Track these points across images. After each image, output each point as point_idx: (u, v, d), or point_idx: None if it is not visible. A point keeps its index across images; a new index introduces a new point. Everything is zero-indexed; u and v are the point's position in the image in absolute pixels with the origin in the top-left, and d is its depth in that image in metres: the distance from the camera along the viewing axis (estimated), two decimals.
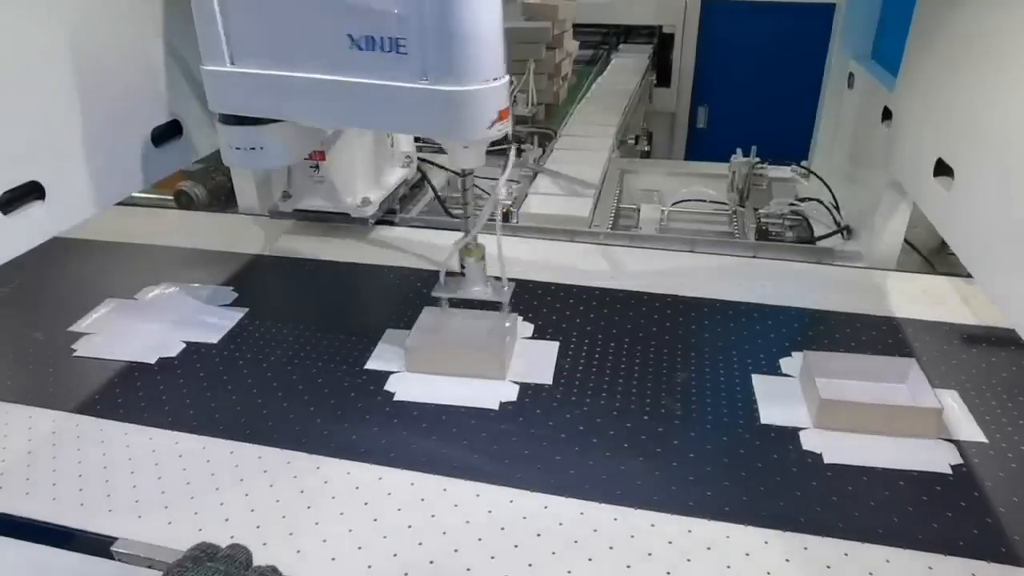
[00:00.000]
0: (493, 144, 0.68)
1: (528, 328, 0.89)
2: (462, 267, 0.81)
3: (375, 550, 0.59)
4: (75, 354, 0.85)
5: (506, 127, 0.64)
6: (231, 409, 0.76)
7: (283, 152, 0.77)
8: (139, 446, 0.71)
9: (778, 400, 0.76)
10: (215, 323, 0.91)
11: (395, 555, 0.59)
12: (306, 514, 0.63)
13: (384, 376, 0.80)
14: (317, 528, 0.61)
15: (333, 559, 0.58)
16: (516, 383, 0.78)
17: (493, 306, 0.83)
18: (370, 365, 0.82)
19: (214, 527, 0.61)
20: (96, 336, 0.89)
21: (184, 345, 0.86)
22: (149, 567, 0.57)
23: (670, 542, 0.59)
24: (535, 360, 0.82)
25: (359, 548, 0.59)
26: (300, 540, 0.60)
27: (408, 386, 0.78)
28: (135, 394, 0.78)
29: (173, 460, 0.69)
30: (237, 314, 0.93)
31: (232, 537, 0.60)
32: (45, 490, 0.66)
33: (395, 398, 0.76)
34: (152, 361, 0.84)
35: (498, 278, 0.81)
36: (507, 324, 0.83)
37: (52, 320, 0.92)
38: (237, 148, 0.76)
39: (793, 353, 0.83)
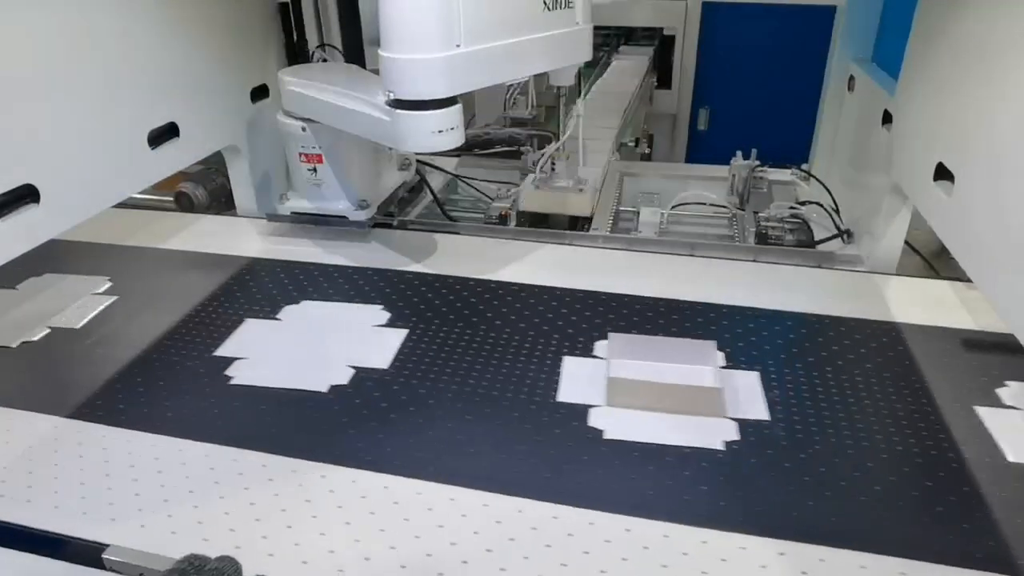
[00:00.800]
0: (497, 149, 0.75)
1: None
2: (553, 165, 1.14)
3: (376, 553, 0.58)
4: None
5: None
6: (227, 414, 0.75)
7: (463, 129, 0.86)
8: (141, 453, 0.70)
9: (582, 380, 0.79)
10: (212, 326, 0.90)
11: (403, 567, 0.58)
12: (304, 519, 0.62)
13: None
14: (320, 536, 0.61)
15: (304, 562, 0.58)
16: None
17: (494, 311, 0.83)
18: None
19: (216, 534, 0.61)
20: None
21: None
22: (140, 575, 0.57)
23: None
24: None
25: (330, 552, 0.59)
26: (274, 542, 0.60)
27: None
28: (131, 398, 0.78)
29: (175, 467, 0.68)
30: (233, 316, 0.92)
31: (234, 542, 0.59)
32: (47, 497, 0.65)
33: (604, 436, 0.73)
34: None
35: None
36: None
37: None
38: (440, 131, 0.81)
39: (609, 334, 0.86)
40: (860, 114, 1.15)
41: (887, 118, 1.01)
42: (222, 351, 0.85)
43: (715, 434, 0.71)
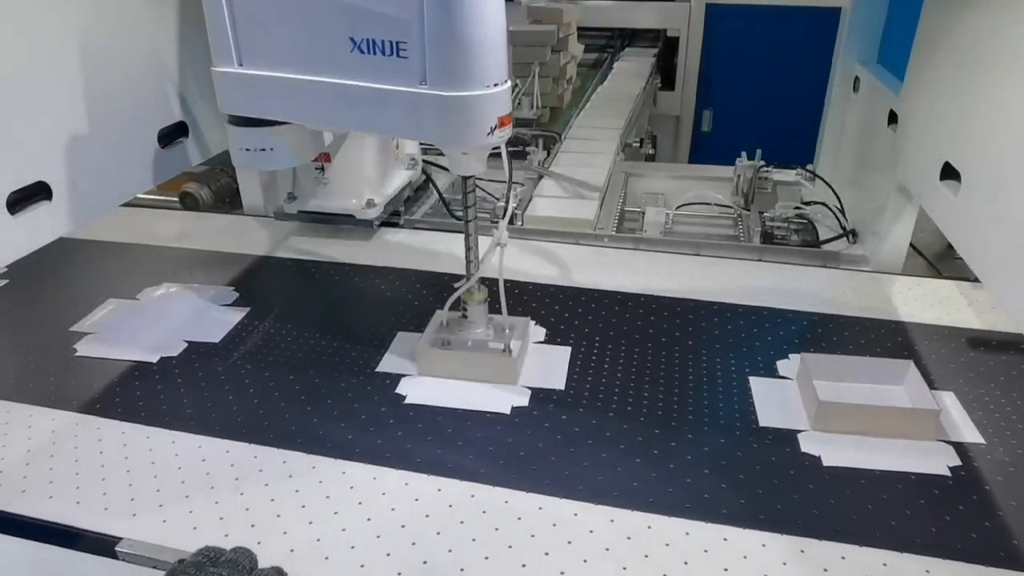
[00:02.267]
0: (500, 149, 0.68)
1: (541, 332, 0.88)
2: (464, 309, 0.80)
3: (368, 549, 0.59)
4: (77, 354, 0.85)
5: (507, 134, 0.64)
6: (230, 409, 0.76)
7: (291, 153, 0.78)
8: (136, 445, 0.71)
9: (776, 402, 0.76)
10: (217, 323, 0.91)
11: (388, 555, 0.58)
12: (300, 513, 0.62)
13: (396, 379, 0.80)
14: (311, 527, 0.61)
15: (327, 558, 0.58)
16: (528, 388, 0.78)
17: (510, 310, 0.83)
18: (381, 367, 0.82)
19: (213, 527, 0.61)
20: (98, 336, 0.89)
21: (186, 344, 0.87)
22: (153, 567, 0.57)
23: (667, 544, 0.59)
24: (547, 364, 0.82)
25: (351, 547, 0.59)
26: (293, 538, 0.60)
27: (420, 389, 0.78)
28: (135, 393, 0.78)
29: (171, 459, 0.69)
30: (239, 314, 0.93)
31: (227, 535, 0.60)
32: (41, 488, 0.66)
33: (406, 400, 0.76)
34: (154, 360, 0.84)
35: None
36: (520, 329, 0.83)
37: (54, 319, 0.92)
38: (247, 149, 0.77)
39: (791, 355, 0.83)
40: (865, 115, 1.15)
41: (892, 118, 1.02)
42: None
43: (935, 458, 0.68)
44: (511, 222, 1.18)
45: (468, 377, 0.79)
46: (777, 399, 0.76)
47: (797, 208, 1.24)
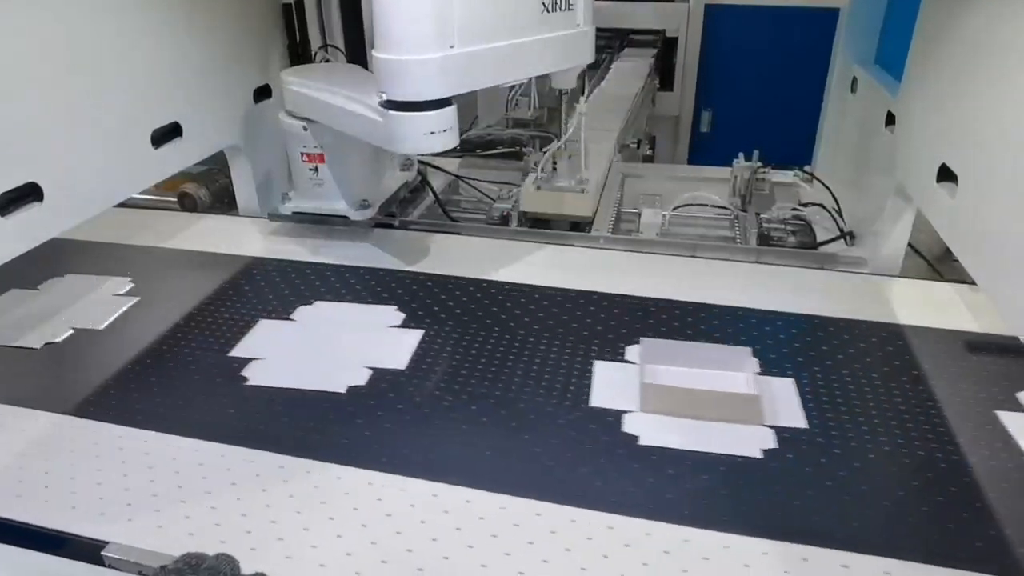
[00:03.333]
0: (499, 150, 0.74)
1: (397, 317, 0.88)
2: (554, 164, 1.12)
3: (359, 552, 0.58)
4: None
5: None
6: (221, 411, 0.75)
7: (458, 131, 0.84)
8: (132, 449, 0.70)
9: (615, 385, 0.77)
10: (215, 324, 0.90)
11: (384, 561, 0.58)
12: (295, 519, 0.62)
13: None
14: (304, 531, 0.61)
15: (288, 557, 0.58)
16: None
17: (491, 314, 0.82)
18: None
19: (206, 530, 0.61)
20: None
21: (371, 372, 0.83)
22: (139, 573, 0.57)
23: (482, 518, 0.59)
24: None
25: (347, 554, 0.59)
26: (289, 543, 0.60)
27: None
28: (128, 396, 0.78)
29: (166, 463, 0.68)
30: (228, 314, 0.92)
31: (223, 543, 0.59)
32: (38, 492, 0.65)
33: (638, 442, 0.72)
34: (342, 391, 0.79)
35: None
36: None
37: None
38: (432, 132, 0.80)
39: (641, 339, 0.85)
40: (863, 116, 1.14)
41: (890, 120, 1.01)
42: (237, 351, 0.85)
43: (754, 442, 0.70)
44: (505, 223, 1.18)
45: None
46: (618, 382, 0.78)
47: (794, 209, 1.23)
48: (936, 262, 1.08)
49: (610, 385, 0.78)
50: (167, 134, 0.99)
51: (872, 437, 0.71)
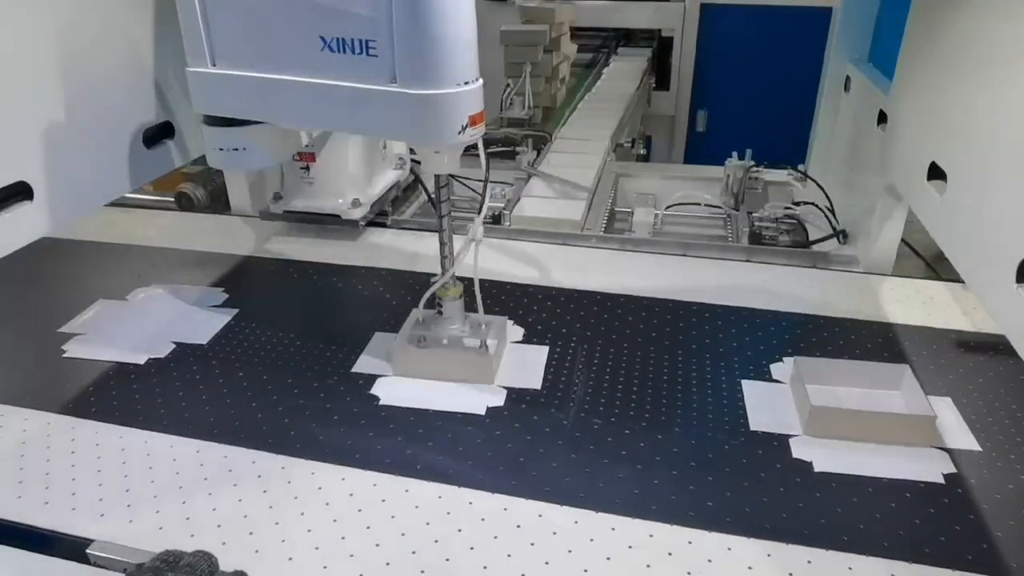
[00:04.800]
0: (493, 149, 0.68)
1: (518, 332, 0.88)
2: (439, 305, 0.80)
3: (332, 550, 0.58)
4: (65, 355, 0.85)
5: (479, 132, 0.63)
6: (218, 410, 0.75)
7: (266, 153, 0.77)
8: (109, 445, 0.70)
9: (768, 406, 0.75)
10: (204, 324, 0.90)
11: (351, 556, 0.58)
12: (290, 517, 0.62)
13: (371, 380, 0.79)
14: (307, 533, 0.60)
15: (290, 559, 0.58)
16: (504, 388, 0.77)
17: (486, 309, 0.82)
18: (357, 368, 0.81)
19: (187, 528, 0.60)
20: (87, 337, 0.89)
21: (174, 346, 0.86)
22: (124, 571, 0.57)
23: (670, 553, 0.58)
24: (525, 365, 0.82)
25: (316, 548, 0.59)
26: (261, 539, 0.60)
27: (395, 390, 0.78)
28: (121, 394, 0.78)
29: (157, 460, 0.68)
30: (226, 316, 0.92)
31: (225, 543, 0.59)
32: (10, 489, 0.65)
33: (381, 402, 0.76)
34: (142, 362, 0.83)
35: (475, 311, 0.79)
36: (496, 328, 0.83)
37: (43, 321, 0.92)
38: (221, 149, 0.76)
39: (784, 359, 0.82)
40: (856, 114, 1.14)
41: (882, 118, 1.01)
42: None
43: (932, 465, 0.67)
44: (498, 222, 1.18)
45: (444, 377, 0.78)
46: (769, 403, 0.75)
47: (787, 208, 1.23)
48: (934, 261, 1.08)
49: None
50: (159, 133, 0.99)
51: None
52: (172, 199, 1.30)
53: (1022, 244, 0.60)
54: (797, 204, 1.26)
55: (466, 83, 0.60)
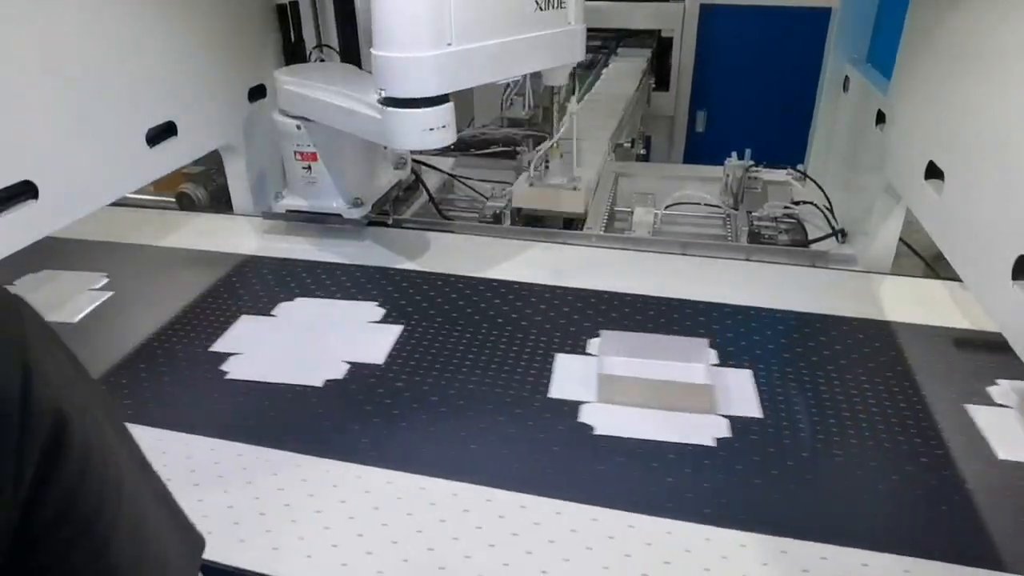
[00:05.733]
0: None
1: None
2: (546, 162, 1.14)
3: (347, 546, 0.59)
4: None
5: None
6: (218, 409, 0.76)
7: (455, 127, 0.86)
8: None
9: (574, 377, 0.79)
10: (203, 322, 0.91)
11: (405, 560, 0.58)
12: (283, 511, 0.62)
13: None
14: (294, 525, 0.61)
15: (309, 556, 0.58)
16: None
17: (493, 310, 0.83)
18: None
19: (224, 528, 0.61)
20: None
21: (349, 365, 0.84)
22: None
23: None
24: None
25: (333, 545, 0.59)
26: (278, 536, 0.60)
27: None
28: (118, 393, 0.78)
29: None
30: (222, 312, 0.93)
31: (243, 541, 0.60)
32: None
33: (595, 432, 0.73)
34: (319, 384, 0.80)
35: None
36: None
37: None
38: (431, 129, 0.82)
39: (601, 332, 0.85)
40: (855, 114, 1.15)
41: (881, 118, 1.02)
42: (217, 346, 0.86)
43: (706, 431, 0.71)
44: (498, 222, 1.19)
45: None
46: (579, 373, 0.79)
47: (786, 208, 1.24)
48: (932, 261, 1.08)
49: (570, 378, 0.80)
50: (162, 133, 0.99)
51: (856, 432, 0.71)
52: (173, 199, 1.30)
53: (1018, 242, 0.61)
54: (796, 203, 1.27)
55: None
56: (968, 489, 0.65)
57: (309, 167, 1.07)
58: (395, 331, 0.88)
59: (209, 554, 0.41)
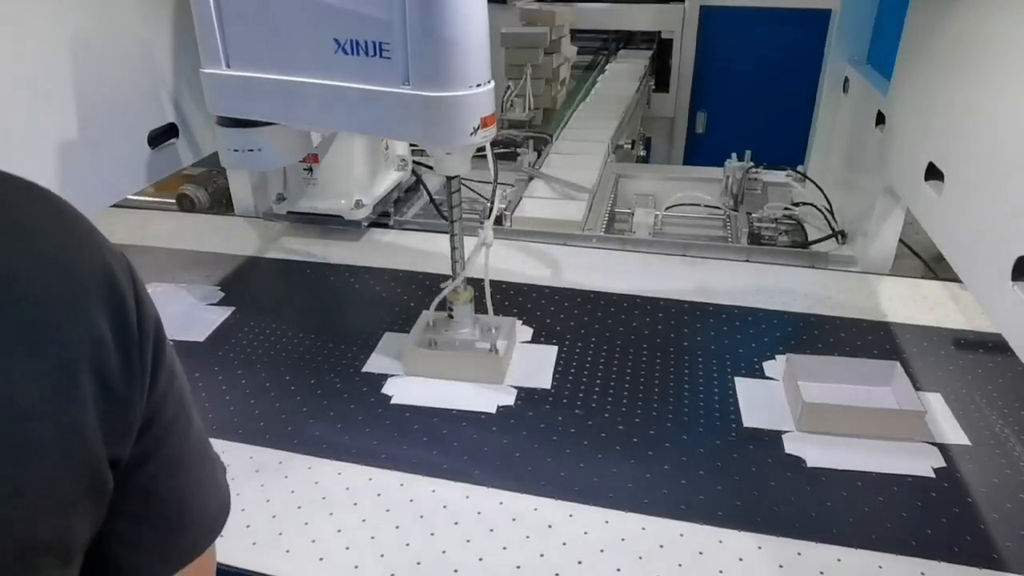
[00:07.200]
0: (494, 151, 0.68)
1: (527, 332, 0.88)
2: (450, 309, 0.80)
3: (362, 550, 0.59)
4: None
5: (490, 134, 0.64)
6: (218, 408, 0.76)
7: (279, 153, 0.79)
8: None
9: (761, 404, 0.76)
10: (201, 321, 0.91)
11: (382, 555, 0.59)
12: (296, 514, 0.63)
13: (382, 379, 0.80)
14: (306, 528, 0.61)
15: (321, 559, 0.58)
16: (514, 388, 0.78)
17: (499, 311, 0.82)
18: (368, 368, 0.82)
19: (236, 531, 0.61)
20: None
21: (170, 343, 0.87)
22: None
23: (661, 546, 0.59)
24: (534, 364, 0.82)
25: (346, 548, 0.59)
26: (290, 539, 0.60)
27: (406, 389, 0.78)
28: None
29: None
30: (223, 313, 0.93)
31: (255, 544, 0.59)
32: None
33: (392, 401, 0.76)
34: None
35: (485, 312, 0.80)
36: (506, 328, 0.83)
37: None
38: (235, 150, 0.77)
39: (776, 356, 0.83)
40: (854, 115, 1.15)
41: (880, 119, 1.02)
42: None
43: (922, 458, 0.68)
44: (499, 223, 1.18)
45: (455, 377, 0.79)
46: (762, 400, 0.76)
47: (786, 209, 1.24)
48: (932, 262, 1.09)
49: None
50: (163, 135, 0.99)
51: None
52: (173, 200, 1.30)
53: (1018, 242, 0.61)
54: (796, 205, 1.27)
55: (478, 85, 0.62)
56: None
57: (310, 168, 1.07)
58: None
59: (222, 557, 0.41)
